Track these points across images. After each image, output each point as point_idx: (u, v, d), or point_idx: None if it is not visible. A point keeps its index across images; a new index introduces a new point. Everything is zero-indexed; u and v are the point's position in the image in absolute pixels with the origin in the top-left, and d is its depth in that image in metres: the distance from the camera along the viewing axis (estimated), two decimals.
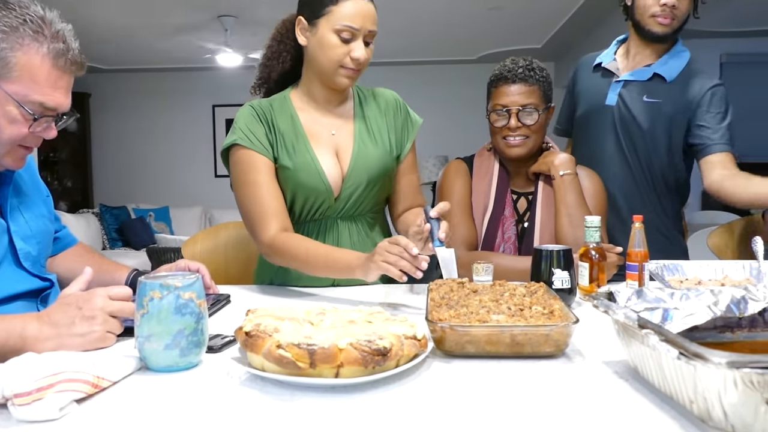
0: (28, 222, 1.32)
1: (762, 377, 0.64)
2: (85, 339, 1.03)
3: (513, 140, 1.81)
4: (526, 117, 1.79)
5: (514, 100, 1.79)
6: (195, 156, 8.35)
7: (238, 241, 2.12)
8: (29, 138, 1.19)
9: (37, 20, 1.13)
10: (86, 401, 0.83)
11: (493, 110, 1.83)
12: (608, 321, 0.97)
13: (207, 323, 1.01)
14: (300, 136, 1.63)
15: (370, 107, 1.73)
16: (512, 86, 1.79)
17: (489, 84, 1.88)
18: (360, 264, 1.39)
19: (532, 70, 1.80)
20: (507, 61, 1.84)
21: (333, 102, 1.68)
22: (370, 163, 1.66)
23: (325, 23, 1.52)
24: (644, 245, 1.45)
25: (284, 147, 1.62)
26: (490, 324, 1.01)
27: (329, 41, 1.53)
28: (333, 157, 1.66)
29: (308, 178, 1.61)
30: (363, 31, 1.53)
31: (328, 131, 1.67)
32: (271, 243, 1.54)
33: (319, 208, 1.65)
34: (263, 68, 1.75)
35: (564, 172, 1.81)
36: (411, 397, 0.85)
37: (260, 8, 5.66)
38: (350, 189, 1.65)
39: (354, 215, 1.70)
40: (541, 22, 6.40)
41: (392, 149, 1.71)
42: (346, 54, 1.53)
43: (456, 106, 8.09)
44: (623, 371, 0.93)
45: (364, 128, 1.69)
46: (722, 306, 0.96)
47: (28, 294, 1.28)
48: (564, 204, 1.79)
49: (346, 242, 1.68)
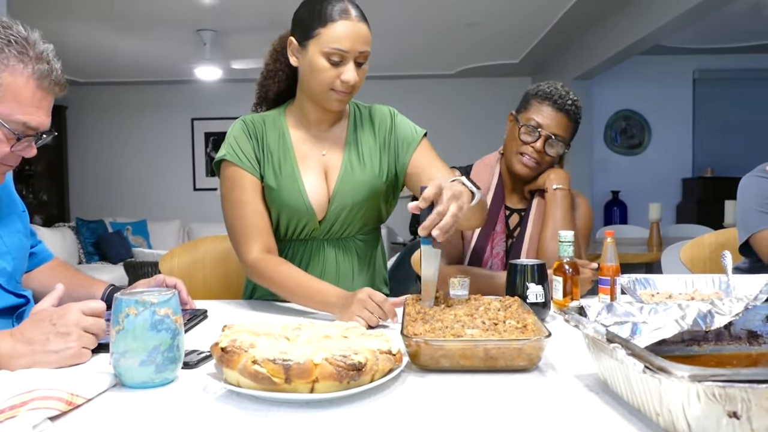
0: (2, 238, 1.31)
1: (723, 390, 0.66)
2: (60, 356, 1.03)
3: (528, 160, 1.82)
4: (552, 147, 1.81)
5: (550, 125, 1.80)
6: (173, 169, 8.30)
7: (216, 256, 2.12)
8: (9, 157, 1.19)
9: (22, 41, 1.14)
10: (60, 418, 0.83)
11: (527, 123, 1.82)
12: (580, 335, 0.99)
13: (183, 339, 1.01)
14: (288, 155, 1.62)
15: (365, 128, 1.70)
16: (556, 112, 1.80)
17: (533, 95, 1.85)
18: (337, 304, 1.39)
19: (577, 108, 1.83)
20: (559, 86, 1.84)
21: (326, 122, 1.66)
22: (355, 187, 1.62)
23: (314, 46, 1.49)
24: (616, 259, 1.48)
25: (271, 165, 1.61)
26: (464, 338, 1.03)
27: (318, 64, 1.49)
28: (321, 178, 1.63)
29: (290, 199, 1.59)
30: (353, 53, 1.49)
31: (319, 152, 1.65)
32: (253, 264, 1.54)
33: (304, 228, 1.64)
34: (261, 87, 1.73)
35: (557, 186, 1.83)
36: (386, 411, 0.86)
37: (239, 22, 5.67)
38: (335, 211, 1.62)
39: (340, 237, 1.68)
40: (518, 38, 6.50)
41: (381, 172, 1.66)
42: (336, 77, 1.50)
43: (436, 118, 8.14)
44: (594, 384, 0.95)
45: (355, 151, 1.66)
46: (689, 320, 0.98)
47: (4, 311, 1.27)
48: (551, 217, 1.81)
49: (331, 265, 1.67)
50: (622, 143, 7.58)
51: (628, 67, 6.95)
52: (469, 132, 7.82)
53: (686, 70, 7.38)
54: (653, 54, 6.70)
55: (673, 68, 7.28)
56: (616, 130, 7.57)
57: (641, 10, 5.04)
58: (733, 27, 6.18)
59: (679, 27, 4.93)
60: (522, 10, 5.46)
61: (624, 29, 5.39)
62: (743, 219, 2.18)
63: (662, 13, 4.71)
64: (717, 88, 7.35)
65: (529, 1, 5.24)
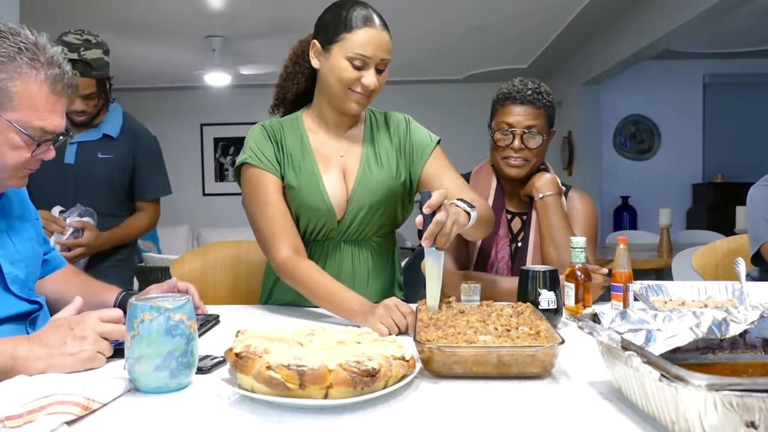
0: (15, 245, 1.32)
1: (741, 399, 0.66)
2: (75, 358, 1.04)
3: (514, 161, 1.82)
4: (530, 140, 1.80)
5: (519, 120, 1.80)
6: (183, 175, 8.30)
7: (226, 261, 2.13)
8: (30, 161, 1.21)
9: (32, 47, 1.15)
10: (77, 423, 0.84)
11: (498, 128, 1.83)
12: (593, 342, 0.99)
13: (197, 344, 1.02)
14: (307, 156, 1.65)
15: (381, 131, 1.73)
16: (519, 107, 1.80)
17: (495, 101, 1.88)
18: (360, 312, 1.41)
19: (540, 94, 1.82)
20: (516, 81, 1.85)
21: (343, 125, 1.69)
22: (373, 188, 1.65)
23: (338, 50, 1.54)
24: (629, 266, 1.47)
25: (291, 166, 1.64)
26: (477, 345, 1.03)
27: (341, 67, 1.54)
28: (340, 179, 1.66)
29: (311, 198, 1.61)
30: (375, 60, 1.54)
31: (337, 153, 1.68)
32: (283, 264, 1.55)
33: (323, 228, 1.65)
34: (279, 89, 1.77)
35: (544, 194, 1.82)
36: (399, 417, 0.86)
37: (248, 28, 5.70)
38: (353, 212, 1.65)
39: (358, 239, 1.69)
40: (526, 43, 6.49)
41: (399, 174, 1.69)
42: (357, 80, 1.54)
43: (444, 124, 8.10)
44: (607, 392, 0.95)
45: (372, 152, 1.69)
46: (704, 328, 0.98)
47: (17, 317, 1.28)
48: (546, 226, 1.81)
49: (347, 266, 1.68)
50: (632, 148, 7.54)
51: (638, 72, 6.92)
52: (477, 137, 7.77)
53: (696, 75, 7.34)
54: (663, 59, 6.67)
55: (683, 73, 7.24)
56: (626, 136, 7.53)
57: (651, 14, 5.03)
58: (744, 31, 6.15)
59: (689, 31, 4.91)
60: (530, 14, 5.45)
61: (633, 33, 5.37)
62: (753, 229, 2.17)
63: (672, 18, 4.69)
64: (728, 92, 7.30)
65: (537, 6, 5.23)
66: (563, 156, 7.46)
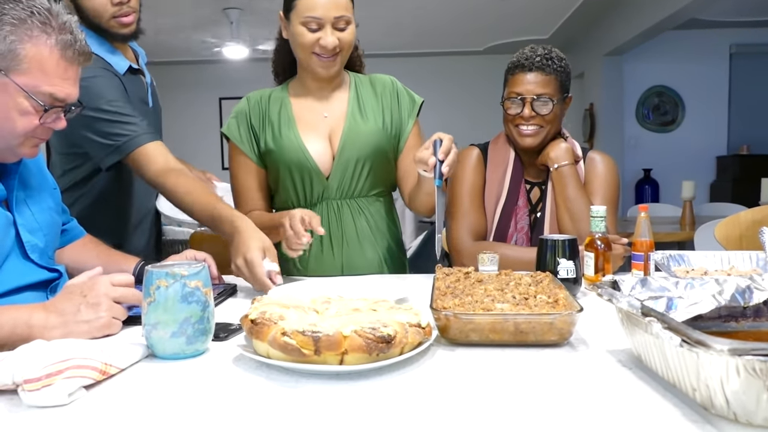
0: (34, 215, 1.32)
1: (764, 364, 0.64)
2: (91, 326, 1.05)
3: (526, 130, 1.79)
4: (541, 107, 1.77)
5: (529, 89, 1.77)
6: (202, 148, 8.36)
7: None
8: (39, 130, 1.20)
9: (44, 12, 1.14)
10: (94, 387, 0.85)
11: (508, 98, 1.80)
12: (612, 310, 0.98)
13: (213, 311, 1.02)
14: (289, 121, 1.73)
15: (366, 91, 1.80)
16: (528, 74, 1.77)
17: (506, 71, 1.86)
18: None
19: (550, 59, 1.78)
20: (526, 49, 1.82)
21: (325, 89, 1.76)
22: (361, 140, 1.71)
23: (294, 17, 1.62)
24: (650, 235, 1.45)
25: (271, 132, 1.73)
26: (494, 312, 1.02)
27: (298, 33, 1.62)
28: (325, 140, 1.73)
29: (291, 156, 1.69)
30: (328, 19, 1.60)
31: (320, 115, 1.74)
32: None
33: (313, 189, 1.72)
34: (273, 63, 1.87)
35: (559, 164, 1.79)
36: (414, 384, 0.86)
37: (265, 0, 5.65)
38: (342, 167, 1.71)
39: (354, 196, 1.75)
40: (548, 13, 6.38)
41: (388, 127, 1.75)
42: (315, 43, 1.62)
43: (464, 96, 8.07)
44: (627, 360, 0.94)
45: (357, 108, 1.76)
46: (727, 295, 0.96)
47: (37, 285, 1.29)
48: (562, 197, 1.78)
49: (350, 228, 1.75)
50: (655, 120, 7.41)
51: (662, 42, 6.78)
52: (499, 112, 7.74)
53: (723, 45, 7.17)
54: (688, 28, 6.51)
55: (708, 43, 7.08)
56: (649, 107, 7.41)
57: None
58: None
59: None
60: None
61: (657, 2, 5.24)
62: None
63: None
64: (755, 62, 7.13)
65: None
66: (585, 128, 7.36)
